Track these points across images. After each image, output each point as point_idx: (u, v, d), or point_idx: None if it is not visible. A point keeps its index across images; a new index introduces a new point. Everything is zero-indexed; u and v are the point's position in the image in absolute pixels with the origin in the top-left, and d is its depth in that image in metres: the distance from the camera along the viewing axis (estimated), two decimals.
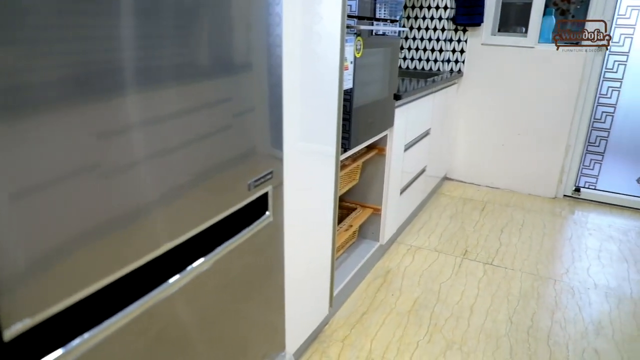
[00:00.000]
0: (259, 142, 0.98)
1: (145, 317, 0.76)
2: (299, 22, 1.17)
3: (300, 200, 1.30)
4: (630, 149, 3.20)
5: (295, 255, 1.33)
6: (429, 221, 2.84)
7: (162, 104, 0.73)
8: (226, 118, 0.88)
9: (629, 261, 2.48)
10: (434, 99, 2.73)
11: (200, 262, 0.88)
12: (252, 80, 0.94)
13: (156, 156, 0.73)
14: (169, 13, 0.73)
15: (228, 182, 0.89)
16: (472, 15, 3.25)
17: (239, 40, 0.89)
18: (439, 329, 1.86)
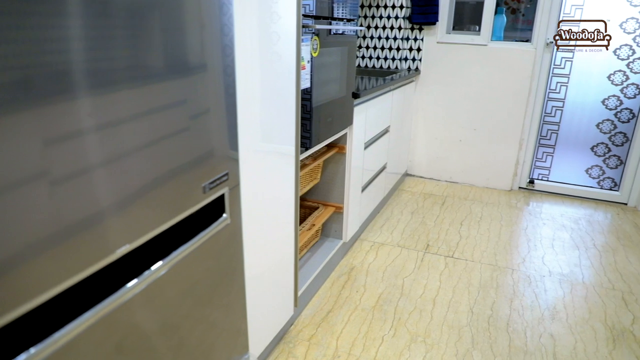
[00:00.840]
0: (214, 144, 0.97)
1: (102, 325, 0.74)
2: (254, 21, 1.16)
3: (260, 201, 1.29)
4: (578, 141, 3.35)
5: (256, 256, 1.32)
6: (391, 217, 2.88)
7: (114, 108, 0.71)
8: (180, 120, 0.86)
9: (580, 248, 2.59)
10: (392, 97, 2.77)
11: (157, 266, 0.86)
12: (207, 81, 0.92)
13: (107, 161, 0.71)
14: (118, 13, 0.71)
15: (182, 185, 0.88)
16: (427, 14, 3.32)
17: (192, 40, 0.88)
18: (403, 322, 1.89)
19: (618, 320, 1.96)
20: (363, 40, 3.57)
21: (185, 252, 0.92)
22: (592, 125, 3.29)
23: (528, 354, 1.73)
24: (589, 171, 3.38)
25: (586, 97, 3.26)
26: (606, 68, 3.17)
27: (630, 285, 2.23)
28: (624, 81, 3.16)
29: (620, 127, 3.24)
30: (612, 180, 3.34)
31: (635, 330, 1.90)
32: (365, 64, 3.62)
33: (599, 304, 2.07)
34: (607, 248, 2.61)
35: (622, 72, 3.15)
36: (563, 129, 3.36)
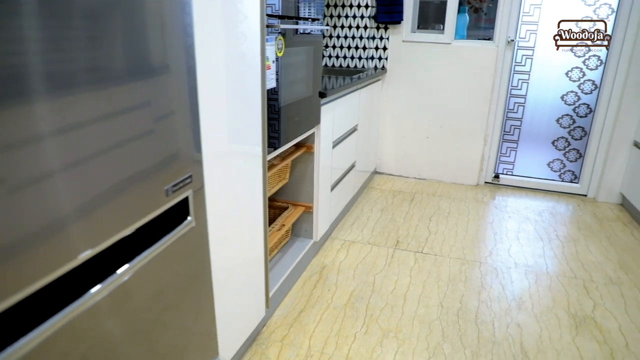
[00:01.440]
0: (176, 146, 0.95)
1: (66, 332, 0.72)
2: (219, 22, 1.15)
3: (226, 203, 1.28)
4: (540, 136, 3.46)
5: (224, 259, 1.31)
6: (361, 215, 2.90)
7: (72, 111, 0.69)
8: (140, 123, 0.84)
9: (544, 240, 2.68)
10: (359, 96, 2.79)
11: (122, 271, 0.84)
12: (167, 83, 0.91)
13: (66, 166, 0.69)
14: (77, 13, 0.68)
15: (144, 189, 0.86)
16: (392, 14, 3.36)
17: (152, 41, 0.86)
18: (374, 319, 1.91)
19: (580, 308, 2.03)
20: (330, 40, 3.59)
21: (149, 257, 0.90)
22: (552, 120, 3.40)
23: (496, 344, 1.78)
24: (550, 165, 3.49)
25: (546, 94, 3.37)
26: (564, 65, 3.28)
27: (591, 273, 2.32)
28: (581, 77, 3.27)
29: (579, 122, 3.36)
30: (573, 173, 3.46)
31: (596, 317, 1.97)
32: (332, 64, 3.64)
33: (562, 293, 2.14)
34: (569, 238, 2.70)
35: (579, 69, 3.26)
36: (525, 124, 3.46)
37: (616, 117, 3.19)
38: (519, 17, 3.26)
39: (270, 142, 1.67)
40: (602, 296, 2.13)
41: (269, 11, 1.68)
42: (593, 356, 1.73)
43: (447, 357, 1.70)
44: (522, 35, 3.30)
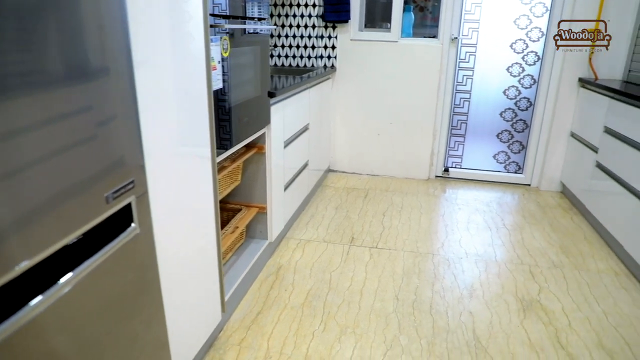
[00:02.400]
0: (116, 151, 0.92)
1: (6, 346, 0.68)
2: (160, 21, 1.12)
3: (174, 208, 1.25)
4: (485, 129, 3.59)
5: (174, 265, 1.28)
6: (316, 214, 2.91)
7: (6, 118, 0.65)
8: (76, 128, 0.81)
9: (492, 229, 2.78)
10: (309, 95, 2.79)
11: (63, 281, 0.80)
12: (105, 86, 0.87)
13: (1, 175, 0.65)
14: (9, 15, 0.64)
15: (83, 197, 0.82)
16: (339, 13, 3.39)
17: (89, 43, 0.82)
18: (332, 316, 1.92)
19: (527, 292, 2.12)
20: (278, 39, 3.57)
21: (92, 265, 0.87)
22: (496, 114, 3.54)
23: (450, 333, 1.83)
24: (496, 157, 3.63)
25: (489, 89, 3.50)
26: (505, 61, 3.42)
27: (536, 259, 2.43)
28: (521, 73, 3.43)
29: (521, 115, 3.51)
30: (517, 164, 3.62)
31: (542, 299, 2.07)
32: (282, 63, 3.62)
33: (510, 279, 2.23)
34: (515, 227, 2.83)
35: (518, 65, 3.41)
36: (471, 118, 3.59)
37: (554, 109, 3.36)
38: (462, 16, 3.37)
39: (219, 143, 1.65)
40: (546, 279, 2.24)
41: (216, 11, 1.65)
42: (539, 337, 1.82)
43: (403, 348, 1.74)
44: (465, 33, 3.42)
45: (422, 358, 1.69)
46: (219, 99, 1.65)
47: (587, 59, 3.19)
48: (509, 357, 1.70)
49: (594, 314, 1.98)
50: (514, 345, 1.77)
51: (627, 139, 2.45)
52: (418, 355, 1.70)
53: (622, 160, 2.48)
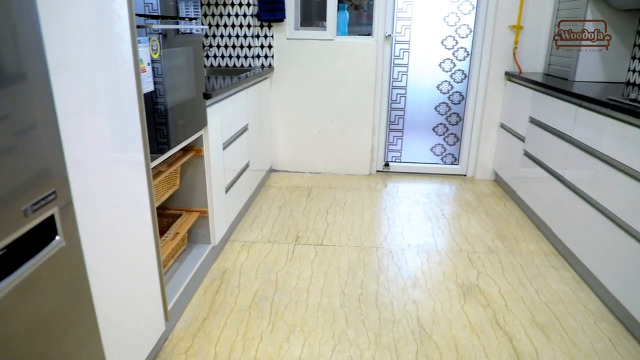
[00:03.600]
0: (33, 161, 0.86)
1: None
2: (78, 22, 1.06)
3: (105, 217, 1.20)
4: (422, 123, 3.71)
5: (107, 278, 1.22)
6: (259, 214, 2.89)
7: None
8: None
9: (432, 220, 2.88)
10: (247, 95, 2.76)
11: None
12: (19, 92, 0.82)
13: None
14: None
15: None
16: (274, 12, 3.37)
17: (2, 45, 0.77)
18: (280, 316, 1.91)
19: (466, 278, 2.22)
20: (213, 40, 3.51)
21: (14, 283, 0.81)
22: (431, 108, 3.67)
23: (396, 323, 1.88)
24: (433, 149, 3.76)
25: (424, 84, 3.62)
26: (437, 57, 3.55)
27: (474, 245, 2.55)
28: (452, 68, 3.57)
29: (454, 109, 3.66)
30: (453, 156, 3.77)
31: (480, 284, 2.17)
32: (218, 63, 3.56)
33: (450, 266, 2.32)
34: (453, 216, 2.94)
35: (449, 60, 3.55)
36: (408, 113, 3.69)
37: (484, 102, 3.52)
38: (394, 14, 3.46)
39: (153, 148, 1.59)
40: (483, 264, 2.34)
41: (147, 11, 1.60)
42: (479, 319, 1.91)
43: (351, 342, 1.76)
44: (398, 30, 3.51)
45: (370, 350, 1.72)
46: (151, 102, 1.59)
47: (511, 54, 3.38)
48: (451, 342, 1.77)
49: (527, 293, 2.10)
50: (456, 330, 1.84)
51: (549, 128, 2.61)
52: (366, 347, 1.73)
53: (546, 147, 2.65)
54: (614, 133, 1.98)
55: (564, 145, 2.41)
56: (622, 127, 1.93)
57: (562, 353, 1.72)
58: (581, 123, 2.26)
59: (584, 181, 2.19)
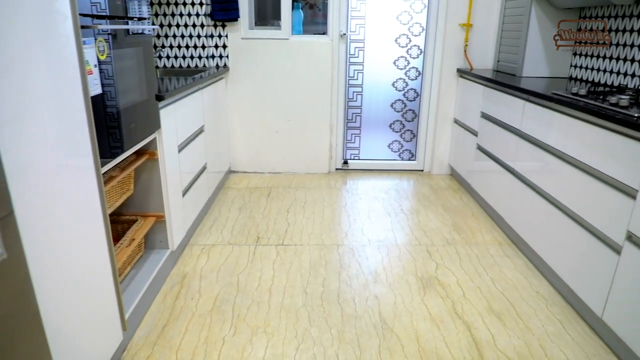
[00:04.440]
0: None
1: None
2: (14, 23, 1.01)
3: (52, 226, 1.15)
4: (379, 120, 3.76)
5: (57, 290, 1.17)
6: (219, 217, 2.85)
7: None
8: None
9: (391, 215, 2.93)
10: (202, 96, 2.72)
11: None
12: None
13: None
14: None
15: None
16: (228, 11, 3.33)
17: None
18: (242, 318, 1.89)
19: (425, 270, 2.27)
20: (166, 40, 3.43)
21: None
22: (387, 105, 3.72)
23: (358, 318, 1.90)
24: (390, 146, 3.83)
25: (379, 82, 3.67)
26: (391, 55, 3.60)
27: (432, 238, 2.61)
28: (406, 65, 3.63)
29: (409, 105, 3.73)
30: (410, 152, 3.84)
31: (439, 275, 2.22)
32: (171, 64, 3.48)
33: (410, 260, 2.37)
34: (412, 210, 3.00)
35: (404, 58, 3.61)
36: (365, 111, 3.73)
37: (438, 99, 3.61)
38: (348, 12, 3.49)
39: (103, 152, 1.54)
40: (442, 257, 2.40)
41: (94, 10, 1.54)
42: (439, 310, 1.95)
43: (315, 340, 1.76)
44: (352, 29, 3.54)
45: (333, 347, 1.73)
46: (99, 105, 1.54)
47: (462, 51, 3.47)
48: (413, 334, 1.81)
49: (483, 282, 2.17)
50: (417, 322, 1.88)
51: (499, 122, 2.71)
52: (329, 344, 1.74)
53: (497, 141, 2.74)
54: (559, 126, 2.07)
55: (514, 139, 2.50)
56: (566, 120, 2.02)
57: (517, 338, 1.79)
58: (529, 117, 2.36)
59: (534, 173, 2.29)
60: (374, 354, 1.70)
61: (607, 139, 1.73)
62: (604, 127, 1.77)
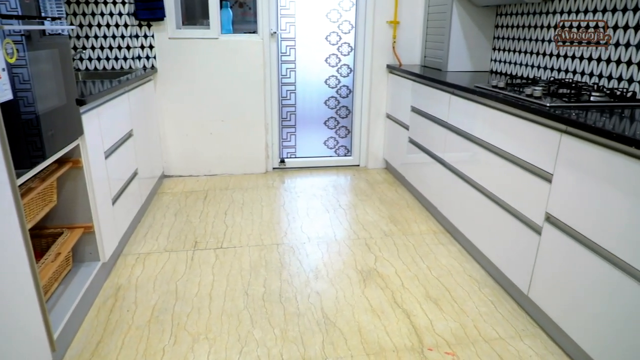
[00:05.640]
0: None
1: None
2: None
3: None
4: (313, 118, 3.79)
5: None
6: (154, 224, 2.75)
7: None
8: None
9: (329, 211, 2.96)
10: (129, 99, 2.60)
11: None
12: None
13: None
14: None
15: None
16: (153, 10, 3.21)
17: None
18: (182, 326, 1.84)
19: (365, 263, 2.32)
20: (87, 41, 3.25)
21: None
22: (321, 103, 3.76)
23: (301, 316, 1.90)
24: (326, 143, 3.86)
25: (312, 80, 3.70)
26: (323, 53, 3.64)
27: (370, 232, 2.67)
28: (338, 63, 3.68)
29: (343, 102, 3.79)
30: (345, 148, 3.90)
31: (378, 267, 2.28)
32: (94, 66, 3.31)
33: (349, 254, 2.41)
34: (349, 205, 3.05)
35: (335, 55, 3.66)
36: (299, 109, 3.74)
37: (370, 95, 3.69)
38: (278, 11, 3.48)
39: (18, 163, 1.43)
40: (380, 249, 2.47)
41: (3, 10, 1.42)
42: (379, 301, 2.00)
43: (258, 342, 1.75)
44: (283, 28, 3.53)
45: (277, 347, 1.72)
46: (12, 112, 1.43)
47: (391, 47, 3.57)
48: (355, 327, 1.84)
49: (420, 270, 2.25)
50: (358, 315, 1.92)
51: (428, 115, 2.82)
52: (273, 344, 1.74)
53: (427, 134, 2.85)
54: (482, 117, 2.19)
55: (442, 131, 2.61)
56: (488, 112, 2.14)
57: (453, 321, 1.88)
58: (455, 110, 2.47)
59: (462, 163, 2.40)
60: (317, 349, 1.71)
61: (525, 128, 1.85)
62: (521, 116, 1.89)
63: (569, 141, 1.59)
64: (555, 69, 2.48)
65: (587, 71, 2.25)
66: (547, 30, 2.53)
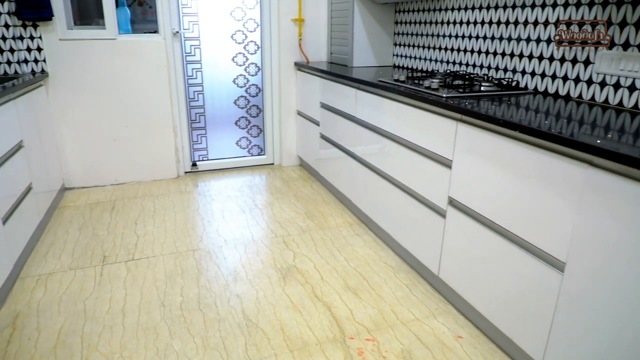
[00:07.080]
0: None
1: None
2: None
3: None
4: (224, 119, 3.72)
5: None
6: (55, 240, 2.54)
7: None
8: None
9: (246, 212, 2.93)
10: (16, 107, 2.37)
11: None
12: None
13: None
14: None
15: None
16: (39, 9, 2.95)
17: None
18: (94, 348, 1.72)
19: (284, 261, 2.32)
20: None
21: None
22: (230, 103, 3.70)
23: (222, 321, 1.87)
24: (238, 143, 3.81)
25: (220, 79, 3.62)
26: (229, 52, 3.58)
27: (287, 229, 2.68)
28: (245, 62, 3.64)
29: (253, 101, 3.76)
30: (259, 147, 3.88)
31: (297, 264, 2.30)
32: None
33: (268, 254, 2.40)
34: (266, 204, 3.04)
35: (242, 54, 3.62)
36: (208, 110, 3.66)
37: (280, 93, 3.70)
38: (179, 9, 3.36)
39: None
40: (298, 245, 2.49)
41: None
42: (300, 297, 2.02)
43: (178, 353, 1.69)
44: (186, 27, 3.42)
45: (198, 355, 1.68)
46: None
47: (297, 45, 3.60)
48: (277, 325, 1.84)
49: (338, 263, 2.31)
50: (280, 313, 1.92)
51: (337, 111, 2.88)
52: (194, 354, 1.68)
53: (337, 129, 2.92)
54: (386, 109, 2.28)
55: (351, 125, 2.68)
56: (392, 104, 2.23)
57: (372, 308, 1.94)
58: (361, 104, 2.55)
59: (371, 155, 2.49)
60: (240, 353, 1.69)
61: (425, 118, 1.96)
62: (421, 107, 2.00)
63: (464, 129, 1.71)
64: (451, 62, 2.65)
65: (477, 63, 2.43)
66: (441, 26, 2.70)
